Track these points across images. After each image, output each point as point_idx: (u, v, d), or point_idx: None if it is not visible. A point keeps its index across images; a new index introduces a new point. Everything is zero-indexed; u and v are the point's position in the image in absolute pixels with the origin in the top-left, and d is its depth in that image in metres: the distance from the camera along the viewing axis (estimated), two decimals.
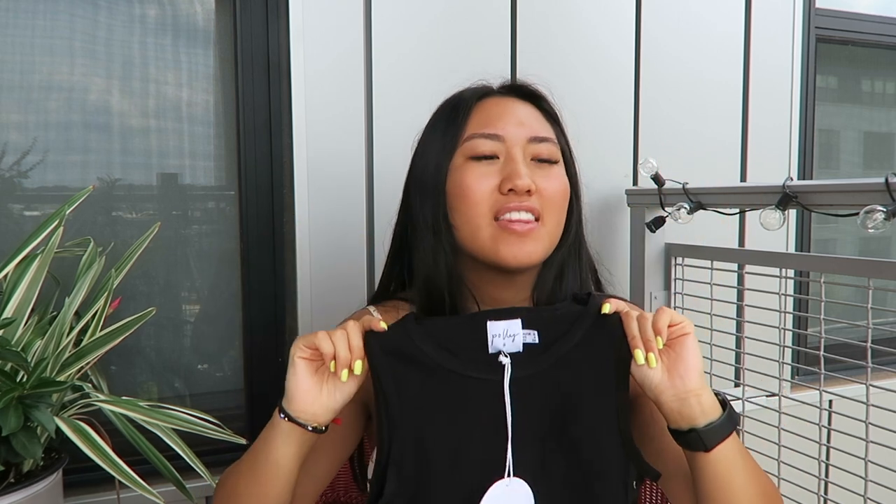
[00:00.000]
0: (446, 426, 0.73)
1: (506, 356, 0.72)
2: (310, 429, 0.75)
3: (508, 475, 0.71)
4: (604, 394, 0.73)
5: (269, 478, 0.75)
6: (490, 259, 0.82)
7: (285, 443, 0.75)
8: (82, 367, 1.05)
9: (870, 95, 2.36)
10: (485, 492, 0.71)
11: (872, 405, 1.19)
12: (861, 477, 1.19)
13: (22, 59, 1.31)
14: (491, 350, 0.73)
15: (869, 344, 1.18)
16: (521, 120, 0.85)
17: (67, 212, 1.09)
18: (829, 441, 1.36)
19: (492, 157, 0.83)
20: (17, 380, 0.92)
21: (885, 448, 1.18)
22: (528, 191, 0.80)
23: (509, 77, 1.55)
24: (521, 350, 0.73)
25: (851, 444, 1.23)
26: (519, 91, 0.90)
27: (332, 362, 0.72)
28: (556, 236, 0.85)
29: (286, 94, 1.43)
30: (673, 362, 0.72)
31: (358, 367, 0.72)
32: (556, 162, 0.86)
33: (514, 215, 0.80)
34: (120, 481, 0.94)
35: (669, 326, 0.72)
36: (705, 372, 0.92)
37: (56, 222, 1.07)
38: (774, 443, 1.39)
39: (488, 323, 0.73)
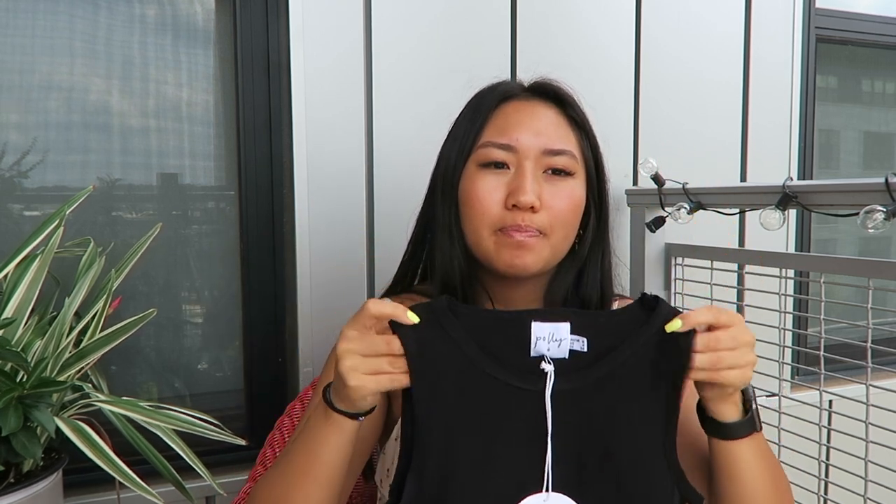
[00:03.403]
0: (476, 433, 0.68)
1: (549, 363, 0.66)
2: (360, 418, 0.71)
3: (547, 490, 0.66)
4: (653, 416, 0.68)
5: (327, 477, 0.72)
6: (489, 265, 0.83)
7: (354, 435, 0.72)
8: (82, 368, 1.05)
9: (870, 95, 2.36)
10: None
11: (872, 405, 1.19)
12: (861, 477, 1.19)
13: (22, 60, 1.31)
14: (532, 353, 0.67)
15: (869, 344, 1.18)
16: (538, 129, 0.83)
17: (67, 212, 1.09)
18: (829, 441, 1.36)
19: (503, 165, 0.83)
20: (17, 380, 0.92)
21: (885, 448, 1.18)
22: (532, 207, 0.80)
23: (512, 75, 1.55)
24: (566, 357, 0.67)
25: (851, 444, 1.23)
26: (545, 94, 0.88)
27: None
28: (562, 248, 0.85)
29: (286, 93, 1.43)
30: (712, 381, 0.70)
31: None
32: (571, 174, 0.84)
33: (515, 231, 0.80)
34: (120, 481, 0.95)
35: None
36: None
37: (56, 222, 1.07)
38: (774, 443, 1.39)
39: (533, 324, 0.67)
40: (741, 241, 1.86)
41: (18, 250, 1.05)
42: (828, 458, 1.35)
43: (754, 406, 0.73)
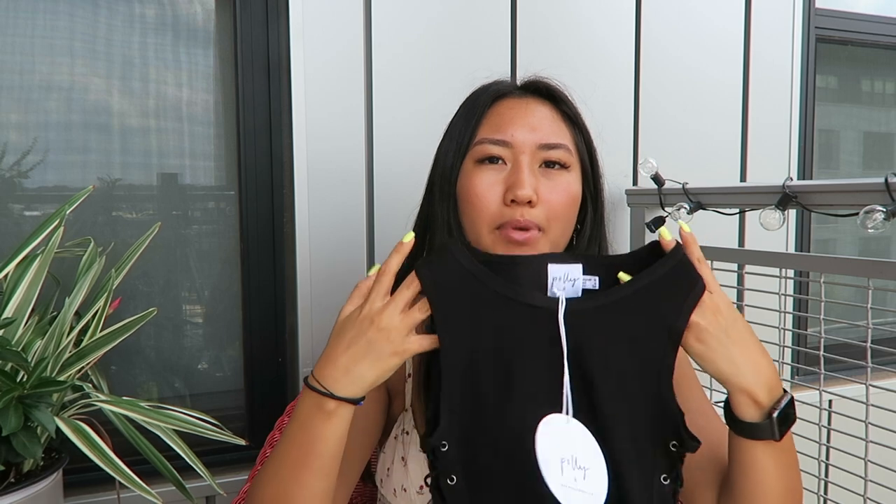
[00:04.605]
0: (497, 356, 0.71)
1: (561, 290, 0.71)
2: (360, 402, 0.73)
3: (567, 413, 0.69)
4: (657, 345, 0.71)
5: (333, 466, 0.73)
6: None
7: (348, 423, 0.72)
8: (82, 368, 1.05)
9: (870, 95, 2.36)
10: (537, 426, 0.69)
11: (872, 405, 1.19)
12: (861, 477, 1.19)
13: (22, 59, 1.31)
14: (549, 293, 0.71)
15: (869, 344, 1.18)
16: (533, 125, 0.84)
17: (67, 212, 1.09)
18: (829, 441, 1.36)
19: (499, 160, 0.83)
20: (18, 380, 0.92)
21: (885, 448, 1.18)
22: (530, 201, 0.80)
23: (511, 74, 1.55)
24: (579, 295, 0.72)
25: (851, 444, 1.23)
26: (538, 91, 0.89)
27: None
28: (560, 243, 0.85)
29: (286, 93, 1.43)
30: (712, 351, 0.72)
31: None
32: (567, 167, 0.85)
33: (514, 228, 0.81)
34: (120, 481, 0.95)
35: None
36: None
37: (56, 222, 1.07)
38: None
39: (549, 266, 0.71)
40: (741, 241, 1.86)
41: (18, 250, 1.05)
42: (828, 458, 1.35)
43: (775, 416, 0.71)
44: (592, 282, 0.72)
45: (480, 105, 0.87)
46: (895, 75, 2.36)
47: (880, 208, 1.04)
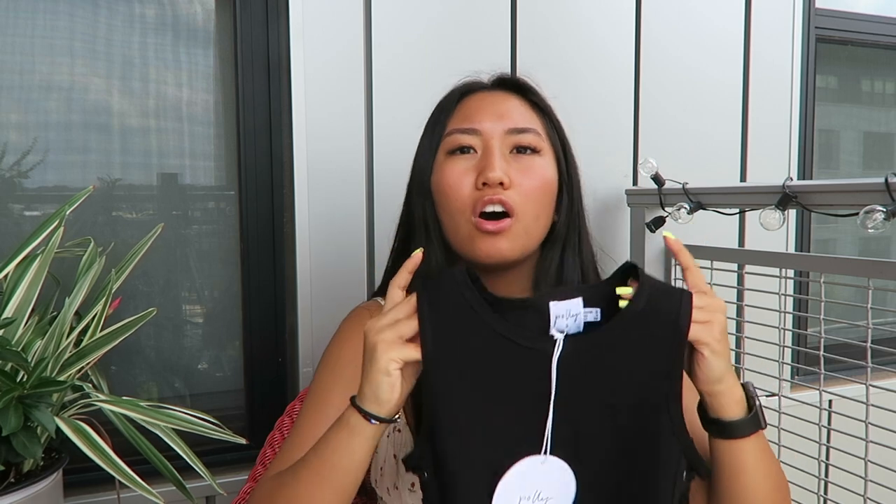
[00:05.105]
0: (479, 390, 0.69)
1: (560, 332, 0.69)
2: (372, 420, 0.70)
3: (545, 453, 0.68)
4: (658, 371, 0.69)
5: (347, 484, 0.72)
6: (468, 255, 0.83)
7: (368, 443, 0.71)
8: (82, 368, 1.05)
9: (870, 95, 2.36)
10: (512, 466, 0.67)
11: (872, 405, 1.19)
12: (861, 477, 1.19)
13: (22, 59, 1.31)
14: (552, 331, 0.69)
15: (869, 344, 1.18)
16: (501, 113, 0.85)
17: (67, 212, 1.09)
18: (829, 441, 1.36)
19: (469, 150, 0.84)
20: (18, 380, 0.92)
21: (885, 448, 1.18)
22: (502, 183, 0.80)
23: (511, 74, 1.55)
24: (581, 330, 0.69)
25: (851, 444, 1.23)
26: (505, 84, 0.91)
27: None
28: (536, 231, 0.85)
29: (286, 93, 1.43)
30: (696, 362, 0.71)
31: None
32: (538, 152, 0.85)
33: (489, 207, 0.80)
34: (120, 481, 0.95)
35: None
36: None
37: (56, 222, 1.07)
38: (774, 443, 1.39)
39: (551, 304, 0.69)
40: (741, 241, 1.86)
41: (18, 250, 1.05)
42: (828, 458, 1.35)
43: (758, 403, 0.72)
44: (594, 314, 0.70)
45: (450, 102, 0.89)
46: (895, 75, 2.36)
47: (880, 208, 1.04)
